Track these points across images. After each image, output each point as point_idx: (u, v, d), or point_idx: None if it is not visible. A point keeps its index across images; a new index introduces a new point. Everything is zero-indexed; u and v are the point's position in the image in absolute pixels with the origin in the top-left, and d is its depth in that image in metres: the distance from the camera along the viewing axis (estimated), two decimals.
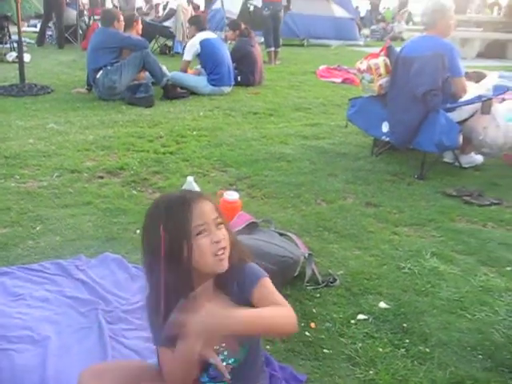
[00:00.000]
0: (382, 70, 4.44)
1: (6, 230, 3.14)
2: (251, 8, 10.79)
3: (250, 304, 1.57)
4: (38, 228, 3.16)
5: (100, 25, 7.57)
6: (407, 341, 2.27)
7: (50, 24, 12.88)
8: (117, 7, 13.35)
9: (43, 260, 2.81)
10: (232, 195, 3.06)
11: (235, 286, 1.60)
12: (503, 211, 3.73)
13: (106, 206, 3.50)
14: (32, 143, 4.78)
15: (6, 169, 4.11)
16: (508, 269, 2.91)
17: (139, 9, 15.28)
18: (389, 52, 4.50)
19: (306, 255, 2.70)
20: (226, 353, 1.60)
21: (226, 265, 1.57)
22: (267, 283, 1.62)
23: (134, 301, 2.49)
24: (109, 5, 15.81)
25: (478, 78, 4.57)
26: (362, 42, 15.93)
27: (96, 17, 12.29)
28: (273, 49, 10.57)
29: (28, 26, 15.82)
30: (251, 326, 1.47)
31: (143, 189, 3.84)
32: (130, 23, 7.04)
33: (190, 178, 3.07)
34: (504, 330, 2.36)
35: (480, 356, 2.19)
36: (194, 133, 5.30)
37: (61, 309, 2.45)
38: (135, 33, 7.12)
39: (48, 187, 3.78)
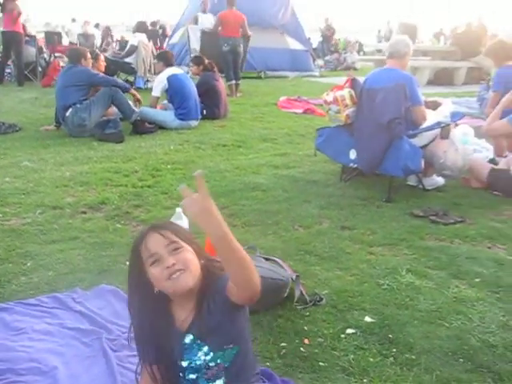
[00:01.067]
0: (348, 101, 4.71)
1: None
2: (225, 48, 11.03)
3: (228, 304, 1.73)
4: (28, 264, 3.24)
5: (67, 63, 7.66)
6: (394, 350, 2.45)
7: (9, 62, 12.87)
8: (76, 44, 13.47)
9: (39, 295, 2.89)
10: None
11: (215, 296, 1.76)
12: (467, 228, 3.98)
13: (93, 240, 3.60)
14: (9, 181, 4.84)
15: None
16: (477, 280, 3.14)
17: (100, 46, 15.39)
18: (353, 84, 4.77)
19: (294, 277, 2.87)
20: (205, 348, 1.78)
21: (187, 284, 1.72)
22: None
23: None
24: (66, 42, 15.94)
25: (434, 106, 4.88)
26: (317, 73, 16.38)
27: (56, 54, 12.38)
28: (233, 82, 10.84)
29: None
30: (228, 238, 1.59)
31: (127, 222, 3.96)
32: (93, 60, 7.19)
33: (179, 209, 3.21)
34: (479, 335, 2.58)
35: (461, 360, 2.39)
36: (169, 166, 5.45)
37: (64, 340, 2.52)
38: (97, 69, 7.27)
39: (32, 224, 3.86)
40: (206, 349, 1.79)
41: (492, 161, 5.43)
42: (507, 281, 3.15)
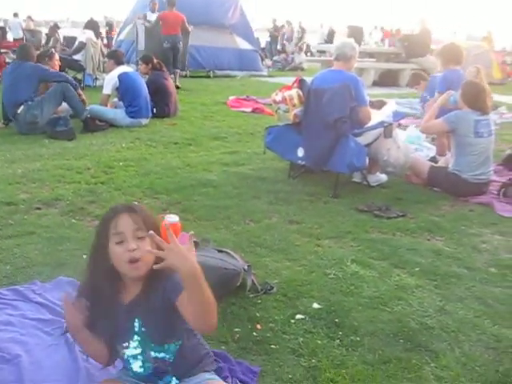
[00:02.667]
0: (296, 101, 4.90)
1: None
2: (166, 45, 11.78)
3: (171, 305, 1.83)
4: None
5: (16, 59, 7.58)
6: (340, 333, 2.64)
7: None
8: (22, 39, 13.25)
9: None
10: (173, 218, 3.32)
11: (159, 292, 1.85)
12: (408, 222, 4.24)
13: (49, 235, 3.66)
14: None
15: None
16: (417, 269, 3.38)
17: (46, 42, 15.14)
18: (301, 84, 4.97)
19: (246, 267, 3.03)
20: (149, 339, 1.90)
21: (139, 271, 1.84)
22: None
23: None
24: (10, 38, 15.63)
25: (380, 105, 5.13)
26: (265, 73, 16.58)
27: (2, 50, 12.15)
28: (177, 70, 11.54)
29: None
30: (199, 279, 1.72)
31: (82, 218, 4.03)
32: (46, 58, 7.17)
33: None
34: (418, 318, 2.81)
35: (401, 340, 2.61)
36: (121, 163, 5.52)
37: (25, 330, 2.59)
38: (52, 67, 7.26)
39: None
40: (149, 341, 1.90)
41: (432, 159, 5.75)
42: (444, 269, 3.41)
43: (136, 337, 1.91)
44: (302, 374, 2.33)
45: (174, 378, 1.97)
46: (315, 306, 2.88)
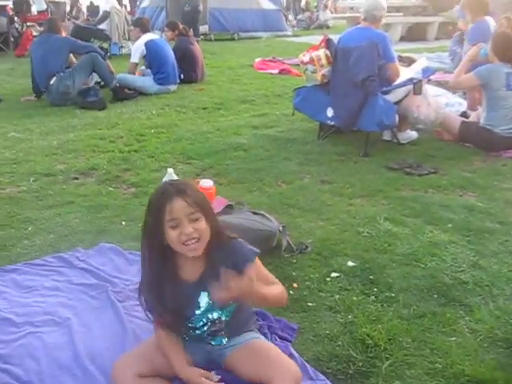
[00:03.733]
0: (324, 61, 4.89)
1: (0, 232, 3.38)
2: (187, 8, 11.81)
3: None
4: (29, 228, 3.41)
5: (44, 32, 7.65)
6: (375, 289, 2.71)
7: None
8: (47, 11, 13.30)
9: (43, 256, 3.06)
10: (207, 183, 3.41)
11: (227, 262, 1.91)
12: (440, 179, 4.25)
13: (87, 203, 3.78)
14: None
15: None
16: (449, 226, 3.41)
17: (69, 13, 15.21)
18: (328, 44, 4.94)
19: (281, 228, 3.10)
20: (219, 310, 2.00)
21: (197, 252, 1.90)
22: (259, 264, 2.00)
23: (136, 281, 2.78)
24: (35, 11, 15.66)
25: (409, 62, 5.09)
26: (290, 32, 16.40)
27: (28, 23, 12.23)
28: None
29: None
30: (265, 299, 1.93)
31: (118, 185, 4.14)
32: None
33: (170, 170, 3.38)
34: (452, 273, 2.85)
35: (435, 295, 2.66)
36: (152, 131, 5.60)
37: (73, 295, 2.71)
38: None
39: (28, 191, 4.01)
40: (213, 306, 1.98)
41: (463, 114, 5.68)
42: (477, 225, 3.43)
43: (203, 306, 1.98)
44: (338, 329, 2.40)
45: (225, 338, 2.05)
46: (350, 263, 2.95)
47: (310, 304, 2.60)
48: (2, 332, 2.41)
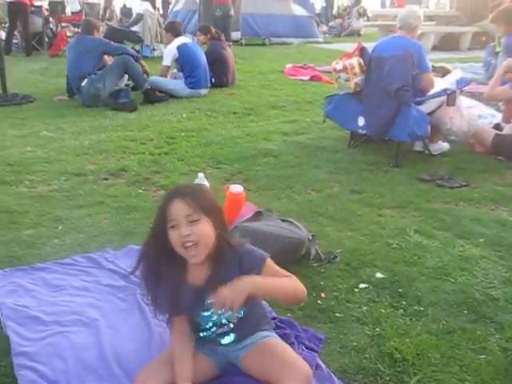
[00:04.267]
0: (357, 70, 4.86)
1: (30, 230, 3.41)
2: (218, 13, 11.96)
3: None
4: (59, 228, 3.45)
5: (79, 33, 7.76)
6: (404, 303, 2.67)
7: (15, 32, 12.92)
8: (81, 12, 13.49)
9: (72, 255, 3.08)
10: (237, 188, 3.41)
11: (234, 267, 1.93)
12: (471, 192, 4.18)
13: (117, 204, 3.81)
14: (30, 150, 5.04)
15: (14, 175, 4.36)
16: (481, 240, 3.35)
17: (103, 14, 15.41)
18: (362, 52, 4.91)
19: (310, 237, 3.08)
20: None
21: (198, 258, 1.91)
22: (270, 263, 1.99)
23: None
24: (69, 12, 15.91)
25: (442, 72, 5.03)
26: (321, 39, 16.39)
27: (63, 24, 12.42)
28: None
29: None
30: (271, 289, 1.91)
31: (147, 187, 4.16)
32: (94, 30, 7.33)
33: (201, 174, 3.39)
34: (483, 289, 2.79)
35: (465, 311, 2.60)
36: (182, 134, 5.63)
37: (101, 295, 2.72)
38: None
39: (59, 190, 4.06)
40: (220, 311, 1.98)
41: (497, 126, 5.59)
42: (509, 240, 3.35)
43: (210, 309, 1.99)
44: (366, 342, 2.37)
45: (234, 337, 2.06)
46: (378, 275, 2.91)
47: (337, 315, 2.57)
48: (30, 330, 2.42)
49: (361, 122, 4.98)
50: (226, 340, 2.06)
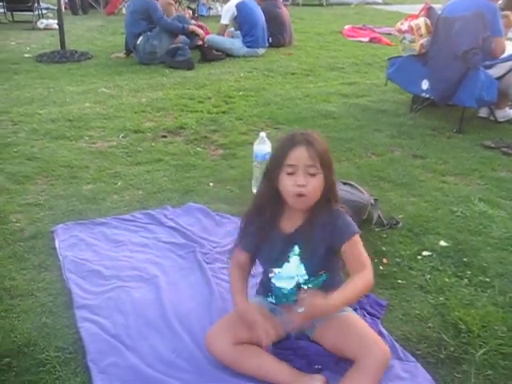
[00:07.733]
0: (423, 30, 4.66)
1: (90, 185, 3.44)
2: None
3: (333, 248, 1.92)
4: (119, 183, 3.47)
5: None
6: (469, 272, 2.58)
7: None
8: None
9: (132, 211, 3.10)
10: None
11: (326, 228, 1.91)
12: None
13: (176, 162, 3.81)
14: (89, 107, 5.08)
15: (74, 131, 4.41)
16: None
17: None
18: (429, 13, 4.71)
19: (373, 201, 3.01)
20: (302, 267, 1.98)
21: (304, 206, 1.90)
22: (358, 241, 1.94)
23: (224, 243, 2.79)
24: None
25: (506, 22, 4.73)
26: (380, 0, 15.89)
27: None
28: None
29: None
30: (342, 307, 1.91)
31: (206, 146, 4.15)
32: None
33: (263, 134, 3.32)
34: None
35: None
36: (240, 93, 5.57)
37: (160, 252, 2.74)
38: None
39: (118, 146, 4.09)
40: (302, 268, 1.97)
41: None
42: None
43: (291, 261, 1.97)
44: (429, 311, 2.31)
45: None
46: (442, 243, 2.83)
47: (399, 281, 2.51)
48: (91, 283, 2.46)
49: (425, 85, 4.80)
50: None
